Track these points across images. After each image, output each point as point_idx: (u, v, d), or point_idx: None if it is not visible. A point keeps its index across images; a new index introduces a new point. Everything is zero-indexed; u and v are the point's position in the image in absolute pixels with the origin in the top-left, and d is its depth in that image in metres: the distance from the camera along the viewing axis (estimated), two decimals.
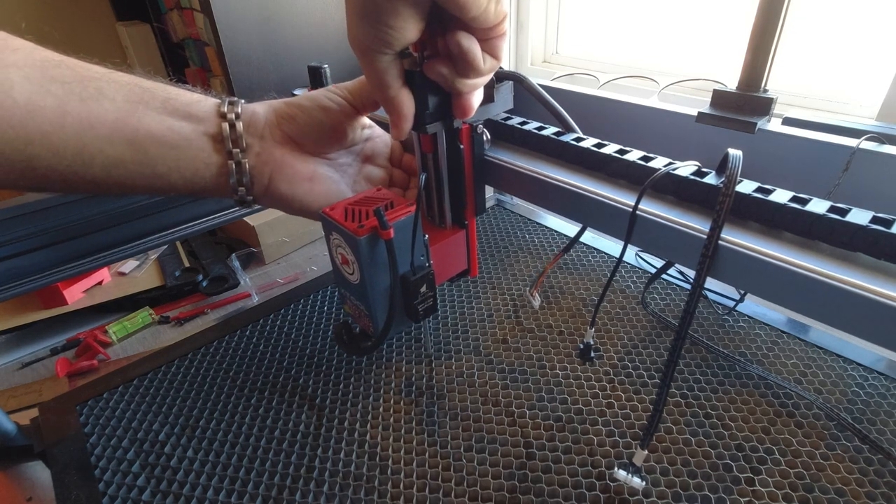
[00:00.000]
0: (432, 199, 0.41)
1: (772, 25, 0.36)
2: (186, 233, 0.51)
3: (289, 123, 0.35)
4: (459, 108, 0.32)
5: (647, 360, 0.46)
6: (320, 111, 0.36)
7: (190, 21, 1.48)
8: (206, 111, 0.33)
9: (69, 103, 0.27)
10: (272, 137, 0.35)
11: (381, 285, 0.37)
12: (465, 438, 0.40)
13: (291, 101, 0.36)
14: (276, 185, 0.35)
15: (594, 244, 0.63)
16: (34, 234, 0.42)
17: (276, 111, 0.36)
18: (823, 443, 0.38)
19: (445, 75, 0.29)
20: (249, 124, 0.34)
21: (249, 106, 0.35)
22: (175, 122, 0.31)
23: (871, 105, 0.77)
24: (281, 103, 0.36)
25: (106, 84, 0.29)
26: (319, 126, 0.36)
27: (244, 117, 0.34)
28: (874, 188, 0.34)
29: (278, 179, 0.35)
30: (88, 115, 0.28)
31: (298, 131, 0.36)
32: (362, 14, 0.25)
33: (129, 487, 0.38)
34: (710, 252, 0.28)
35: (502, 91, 0.42)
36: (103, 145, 0.29)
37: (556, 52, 1.23)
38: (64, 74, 0.28)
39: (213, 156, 0.33)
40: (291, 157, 0.36)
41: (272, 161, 0.35)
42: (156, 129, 0.30)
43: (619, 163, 0.34)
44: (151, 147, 0.30)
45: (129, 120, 0.30)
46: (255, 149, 0.34)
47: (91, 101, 0.28)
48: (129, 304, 1.07)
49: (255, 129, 0.34)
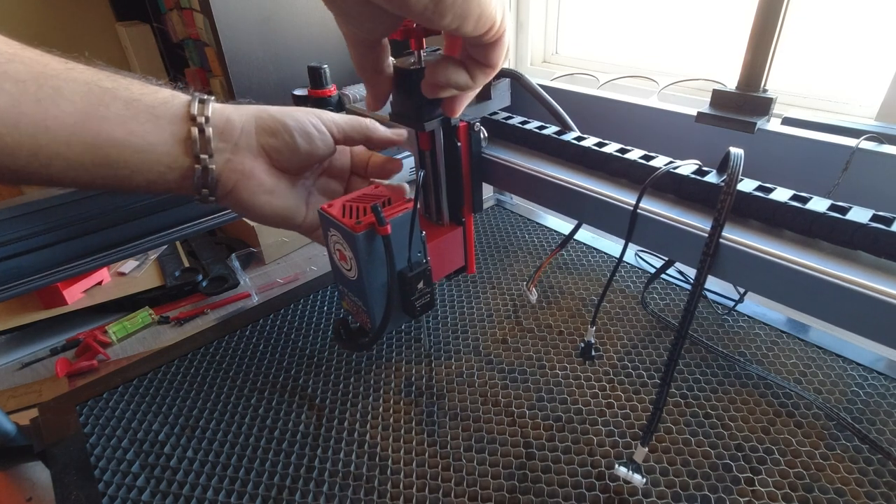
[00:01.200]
0: (430, 197, 0.42)
1: (771, 25, 0.36)
2: (186, 233, 0.51)
3: (268, 138, 0.35)
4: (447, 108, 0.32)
5: (646, 359, 0.46)
6: (304, 139, 0.36)
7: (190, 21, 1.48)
8: (173, 113, 0.31)
9: (23, 104, 0.26)
10: (247, 147, 0.34)
11: (379, 281, 0.37)
12: (465, 438, 0.40)
13: (276, 115, 0.35)
14: (238, 192, 0.35)
15: (594, 244, 0.63)
16: (34, 234, 0.42)
17: (258, 122, 0.35)
18: (823, 442, 0.38)
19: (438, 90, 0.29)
20: (223, 130, 0.33)
21: (222, 109, 0.34)
22: (138, 126, 0.30)
23: (870, 105, 0.77)
24: (264, 114, 0.35)
25: (64, 83, 0.27)
26: (296, 152, 0.36)
27: (216, 121, 0.33)
28: (874, 188, 0.34)
29: (242, 188, 0.34)
30: (45, 117, 0.27)
31: (275, 149, 0.35)
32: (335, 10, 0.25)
33: (128, 487, 0.38)
34: (711, 250, 0.28)
35: (499, 88, 0.42)
36: (61, 148, 0.27)
37: (556, 52, 1.23)
38: (18, 70, 0.26)
39: (179, 159, 0.32)
40: (259, 170, 0.35)
41: (240, 170, 0.34)
42: (118, 133, 0.29)
43: (620, 162, 0.34)
44: (112, 151, 0.29)
45: (88, 123, 0.28)
46: (226, 154, 0.33)
47: (47, 102, 0.27)
48: (129, 304, 1.07)
49: (228, 136, 0.34)
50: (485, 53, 0.27)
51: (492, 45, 0.26)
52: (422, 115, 0.34)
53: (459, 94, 0.31)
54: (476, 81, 0.29)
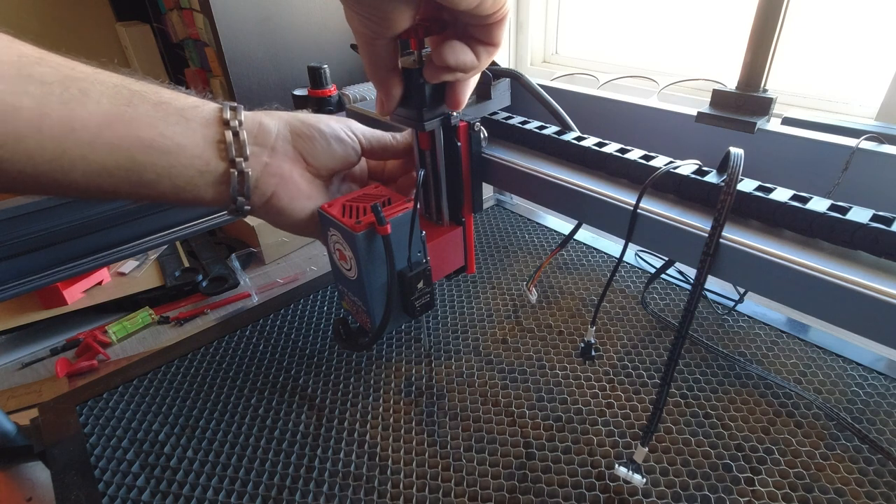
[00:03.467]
0: (430, 196, 0.42)
1: (771, 25, 0.36)
2: (186, 233, 0.51)
3: (305, 143, 0.35)
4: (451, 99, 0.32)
5: (646, 359, 0.46)
6: (338, 143, 0.37)
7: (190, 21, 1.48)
8: (205, 116, 0.31)
9: (48, 105, 0.25)
10: (283, 151, 0.34)
11: (379, 281, 0.37)
12: (465, 438, 0.40)
13: (307, 121, 0.36)
14: (277, 199, 0.34)
15: (594, 244, 0.63)
16: (34, 234, 0.42)
17: (292, 127, 0.35)
18: (823, 442, 0.38)
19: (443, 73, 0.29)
20: (257, 134, 0.33)
21: (254, 115, 0.34)
22: (168, 128, 0.29)
23: (870, 105, 0.77)
24: (296, 120, 0.35)
25: (91, 85, 0.27)
26: (333, 156, 0.37)
27: (249, 126, 0.33)
28: (874, 188, 0.34)
29: (281, 193, 0.34)
30: (70, 118, 0.26)
31: (313, 153, 0.36)
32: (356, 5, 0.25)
33: (128, 488, 0.38)
34: (711, 250, 0.28)
35: (499, 88, 0.42)
36: (85, 151, 0.27)
37: (556, 52, 1.23)
38: (44, 73, 0.26)
39: (212, 163, 0.31)
40: (297, 174, 0.35)
41: (279, 174, 0.34)
42: (145, 135, 0.28)
43: (620, 161, 0.34)
44: (140, 153, 0.28)
45: (115, 124, 0.27)
46: (263, 158, 0.33)
47: (73, 104, 0.26)
48: (129, 304, 1.06)
49: (264, 140, 0.34)
50: (490, 32, 0.28)
51: (497, 24, 0.27)
52: (422, 115, 0.34)
53: (462, 82, 0.31)
54: (481, 61, 0.29)
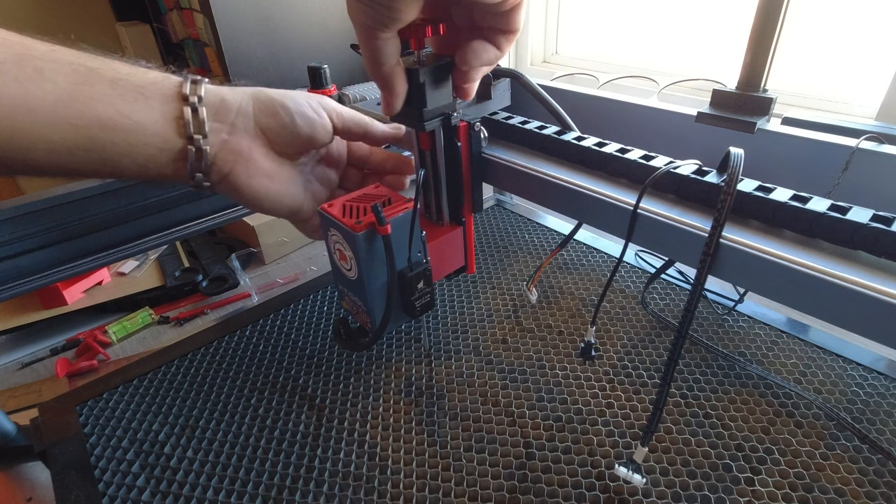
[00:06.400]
0: (430, 196, 0.42)
1: (771, 25, 0.36)
2: (186, 233, 0.51)
3: (267, 118, 0.34)
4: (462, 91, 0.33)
5: (646, 359, 0.46)
6: (303, 121, 0.35)
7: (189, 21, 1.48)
8: (163, 93, 0.30)
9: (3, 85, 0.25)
10: (244, 128, 0.33)
11: (379, 281, 0.37)
12: (465, 438, 0.40)
13: (272, 96, 0.34)
14: (235, 176, 0.33)
15: (594, 244, 0.63)
16: (34, 234, 0.42)
17: (256, 102, 0.34)
18: (823, 443, 0.38)
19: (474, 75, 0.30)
20: (218, 110, 0.32)
21: (217, 89, 0.33)
22: (126, 106, 0.28)
23: (870, 105, 0.77)
24: (262, 95, 0.34)
25: (46, 63, 0.26)
26: (296, 135, 0.35)
27: (210, 101, 0.31)
28: (874, 188, 0.34)
29: (239, 171, 0.33)
30: (26, 97, 0.25)
31: (275, 130, 0.34)
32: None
33: (128, 488, 0.38)
34: (711, 250, 0.28)
35: (499, 88, 0.42)
36: (44, 130, 0.26)
37: (556, 52, 1.23)
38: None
39: (171, 140, 0.30)
40: (258, 152, 0.34)
41: (238, 151, 0.33)
42: (103, 113, 0.28)
43: (620, 161, 0.34)
44: (99, 132, 0.28)
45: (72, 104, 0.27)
46: (222, 135, 0.32)
47: (28, 83, 0.26)
48: (129, 304, 1.06)
49: (223, 116, 0.32)
50: (508, 19, 0.28)
51: (515, 9, 0.27)
52: (422, 115, 0.34)
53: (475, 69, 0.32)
54: (503, 50, 0.30)
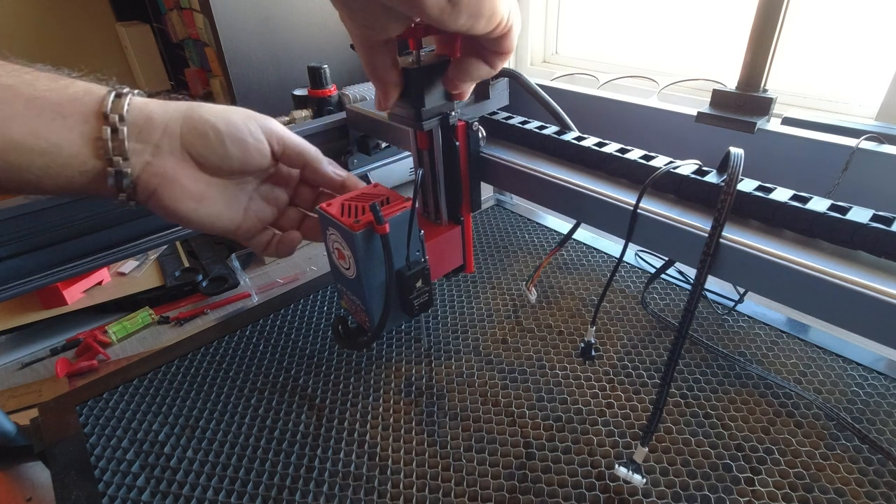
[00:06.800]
0: (428, 196, 0.42)
1: (771, 25, 0.36)
2: (186, 233, 0.51)
3: (195, 139, 0.32)
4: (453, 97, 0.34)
5: (646, 359, 0.46)
6: (235, 146, 0.33)
7: (190, 21, 1.48)
8: (83, 110, 0.28)
9: None
10: (169, 149, 0.31)
11: (377, 280, 0.37)
12: (465, 438, 0.40)
13: (206, 116, 0.32)
14: (159, 198, 0.32)
15: (593, 244, 0.63)
16: (34, 234, 0.42)
17: (186, 121, 0.32)
18: (823, 442, 0.38)
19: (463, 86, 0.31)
20: (141, 129, 0.30)
21: (144, 105, 0.31)
22: (42, 126, 0.27)
23: (870, 105, 0.77)
24: (195, 114, 0.32)
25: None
26: (226, 157, 0.33)
27: (134, 119, 0.30)
28: (874, 188, 0.34)
29: (162, 193, 0.31)
30: None
31: (202, 153, 0.32)
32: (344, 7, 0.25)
33: (129, 488, 0.38)
34: (711, 250, 0.28)
35: (498, 88, 0.42)
36: None
37: (556, 52, 1.23)
38: None
39: (89, 162, 0.28)
40: (184, 174, 0.32)
41: (161, 174, 0.31)
42: (17, 134, 0.26)
43: (620, 161, 0.34)
44: (13, 155, 0.26)
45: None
46: (145, 157, 0.30)
47: None
48: (129, 304, 1.06)
49: (147, 136, 0.30)
50: (497, 43, 0.28)
51: (503, 36, 0.28)
52: (420, 115, 0.34)
53: None
54: (495, 67, 0.30)
